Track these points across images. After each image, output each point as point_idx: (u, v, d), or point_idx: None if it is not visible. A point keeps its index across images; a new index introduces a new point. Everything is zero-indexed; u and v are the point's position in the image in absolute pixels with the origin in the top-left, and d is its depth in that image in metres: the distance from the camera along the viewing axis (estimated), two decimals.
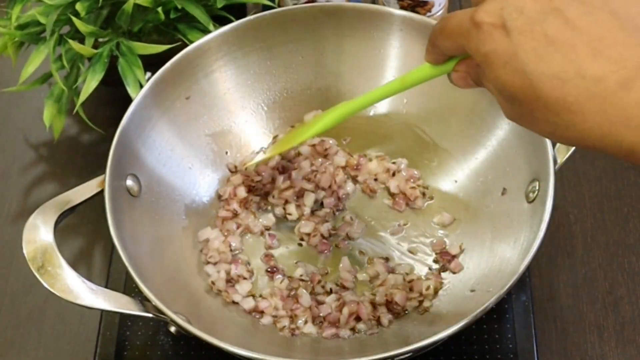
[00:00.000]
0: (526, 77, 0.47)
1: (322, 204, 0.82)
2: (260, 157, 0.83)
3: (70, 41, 0.82)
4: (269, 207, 0.82)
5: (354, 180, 0.84)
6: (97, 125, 0.89)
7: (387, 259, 0.78)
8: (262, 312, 0.75)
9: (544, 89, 0.46)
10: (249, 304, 0.76)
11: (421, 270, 0.78)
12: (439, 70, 0.58)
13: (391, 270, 0.77)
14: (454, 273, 0.77)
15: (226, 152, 0.85)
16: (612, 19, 0.46)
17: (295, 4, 0.91)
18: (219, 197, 0.82)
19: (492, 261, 0.74)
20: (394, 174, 0.83)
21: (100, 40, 0.85)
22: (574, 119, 0.46)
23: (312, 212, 0.81)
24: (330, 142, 0.85)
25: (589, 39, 0.46)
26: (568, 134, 0.47)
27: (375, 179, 0.83)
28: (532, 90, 0.47)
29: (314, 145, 0.85)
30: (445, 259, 0.77)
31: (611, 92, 0.45)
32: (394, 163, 0.84)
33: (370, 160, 0.84)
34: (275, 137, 0.86)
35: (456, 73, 0.56)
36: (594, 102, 0.45)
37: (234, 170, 0.83)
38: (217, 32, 0.81)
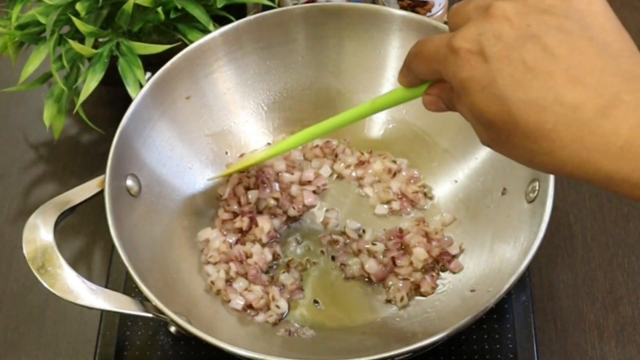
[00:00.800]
0: (504, 104, 0.46)
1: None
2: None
3: (70, 41, 0.82)
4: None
5: (360, 183, 0.84)
6: (97, 125, 0.89)
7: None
8: (251, 307, 0.75)
9: (522, 116, 0.46)
10: (240, 303, 0.75)
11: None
12: (411, 93, 0.58)
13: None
14: (454, 273, 0.77)
15: (226, 152, 0.85)
16: (590, 45, 0.46)
17: (295, 4, 0.91)
18: (218, 197, 0.82)
19: (492, 261, 0.74)
20: (394, 174, 0.83)
21: (100, 40, 0.85)
22: (551, 146, 0.46)
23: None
24: (334, 142, 0.85)
25: (567, 66, 0.46)
26: (545, 161, 0.47)
27: (378, 181, 0.83)
28: (510, 116, 0.46)
29: (318, 147, 0.85)
30: (445, 259, 0.77)
31: (589, 120, 0.45)
32: (394, 162, 0.84)
33: (375, 161, 0.84)
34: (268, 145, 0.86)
35: (428, 96, 0.56)
36: (571, 129, 0.45)
37: None
38: (217, 32, 0.81)
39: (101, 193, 0.72)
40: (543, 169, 0.48)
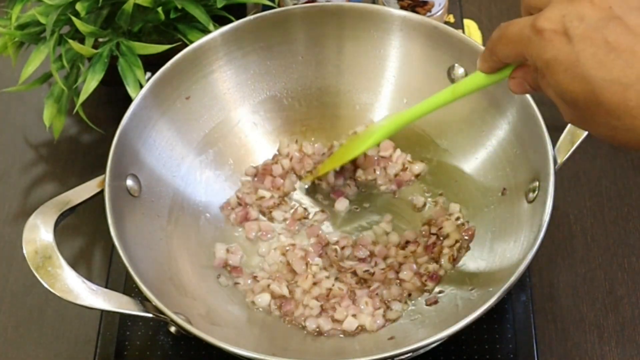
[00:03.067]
0: (587, 83, 0.48)
1: None
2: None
3: (70, 41, 0.82)
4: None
5: (385, 173, 0.84)
6: (97, 125, 0.89)
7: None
8: (255, 277, 0.77)
9: (605, 94, 0.48)
10: (247, 280, 0.77)
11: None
12: (492, 78, 0.59)
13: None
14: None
15: (229, 160, 0.85)
16: None
17: (295, 4, 0.91)
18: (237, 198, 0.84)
19: (492, 261, 0.74)
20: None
21: (100, 40, 0.85)
22: (634, 123, 0.47)
23: None
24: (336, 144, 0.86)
25: None
26: (628, 137, 0.49)
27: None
28: (594, 95, 0.48)
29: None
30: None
31: None
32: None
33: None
34: (330, 147, 0.86)
35: (513, 80, 0.57)
36: None
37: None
38: (217, 32, 0.81)
39: (101, 193, 0.72)
40: (626, 146, 0.50)
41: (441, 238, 0.79)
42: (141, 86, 0.80)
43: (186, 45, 0.81)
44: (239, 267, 0.79)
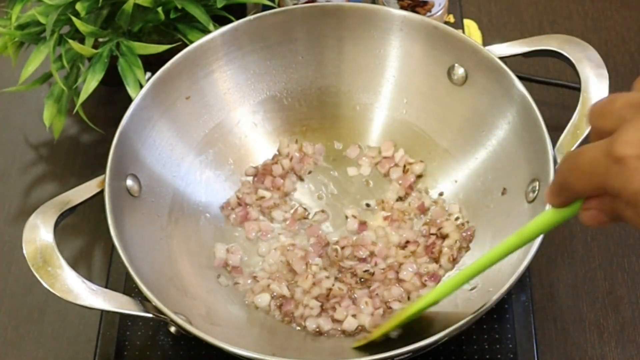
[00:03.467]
0: None
1: None
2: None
3: (70, 41, 0.82)
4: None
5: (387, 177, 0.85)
6: (97, 125, 0.89)
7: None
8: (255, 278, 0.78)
9: None
10: (247, 280, 0.77)
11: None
12: (564, 213, 0.52)
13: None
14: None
15: (229, 159, 0.85)
16: None
17: (295, 4, 0.91)
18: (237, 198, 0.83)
19: None
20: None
21: (100, 40, 0.85)
22: None
23: None
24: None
25: None
26: None
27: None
28: None
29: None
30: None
31: None
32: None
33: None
34: None
35: (587, 212, 0.49)
36: None
37: None
38: (217, 32, 0.81)
39: (101, 193, 0.72)
40: None
41: (441, 238, 0.79)
42: (141, 86, 0.80)
43: (186, 45, 0.81)
44: (239, 267, 0.79)
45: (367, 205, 0.83)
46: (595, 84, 0.77)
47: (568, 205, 0.51)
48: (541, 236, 0.66)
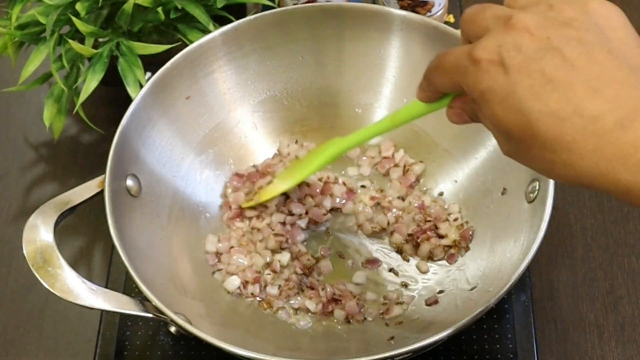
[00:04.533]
0: (523, 115, 0.47)
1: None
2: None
3: (70, 41, 0.82)
4: None
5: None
6: (97, 125, 0.89)
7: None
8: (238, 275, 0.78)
9: (541, 127, 0.46)
10: (234, 283, 0.77)
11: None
12: (431, 107, 0.59)
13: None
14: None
15: (229, 159, 0.85)
16: (610, 58, 0.46)
17: (295, 4, 0.91)
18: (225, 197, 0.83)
19: (492, 261, 0.74)
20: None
21: (100, 40, 0.85)
22: (570, 157, 0.46)
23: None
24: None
25: (587, 77, 0.46)
26: (565, 172, 0.47)
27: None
28: (529, 128, 0.47)
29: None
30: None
31: (608, 131, 0.45)
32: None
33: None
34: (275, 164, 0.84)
35: (451, 109, 0.56)
36: (591, 140, 0.45)
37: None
38: (217, 32, 0.81)
39: (101, 193, 0.72)
40: (562, 180, 0.48)
41: (438, 237, 0.79)
42: (141, 86, 0.80)
43: (186, 45, 0.81)
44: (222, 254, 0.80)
45: (362, 186, 0.84)
46: None
47: (434, 101, 0.57)
48: (542, 235, 0.66)
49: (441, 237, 0.79)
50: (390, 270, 0.79)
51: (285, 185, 0.80)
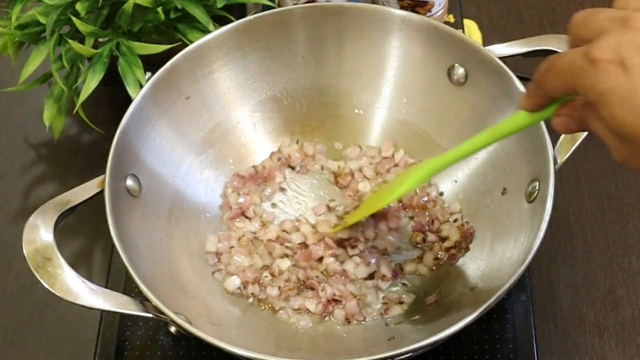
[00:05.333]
0: None
1: None
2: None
3: (70, 41, 0.82)
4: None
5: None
6: (97, 125, 0.89)
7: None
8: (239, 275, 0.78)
9: None
10: (234, 283, 0.77)
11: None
12: (535, 117, 0.56)
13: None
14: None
15: (229, 159, 0.85)
16: None
17: (295, 4, 0.91)
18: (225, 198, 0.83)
19: (492, 261, 0.74)
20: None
21: (100, 40, 0.85)
22: None
23: None
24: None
25: None
26: None
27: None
28: None
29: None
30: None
31: None
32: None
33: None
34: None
35: (558, 117, 0.54)
36: None
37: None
38: (217, 32, 0.81)
39: (101, 193, 0.72)
40: None
41: (440, 240, 0.79)
42: (141, 86, 0.80)
43: (186, 45, 0.81)
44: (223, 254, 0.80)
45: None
46: None
47: (542, 108, 0.54)
48: (542, 235, 0.66)
49: (443, 239, 0.79)
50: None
51: (373, 209, 0.77)
